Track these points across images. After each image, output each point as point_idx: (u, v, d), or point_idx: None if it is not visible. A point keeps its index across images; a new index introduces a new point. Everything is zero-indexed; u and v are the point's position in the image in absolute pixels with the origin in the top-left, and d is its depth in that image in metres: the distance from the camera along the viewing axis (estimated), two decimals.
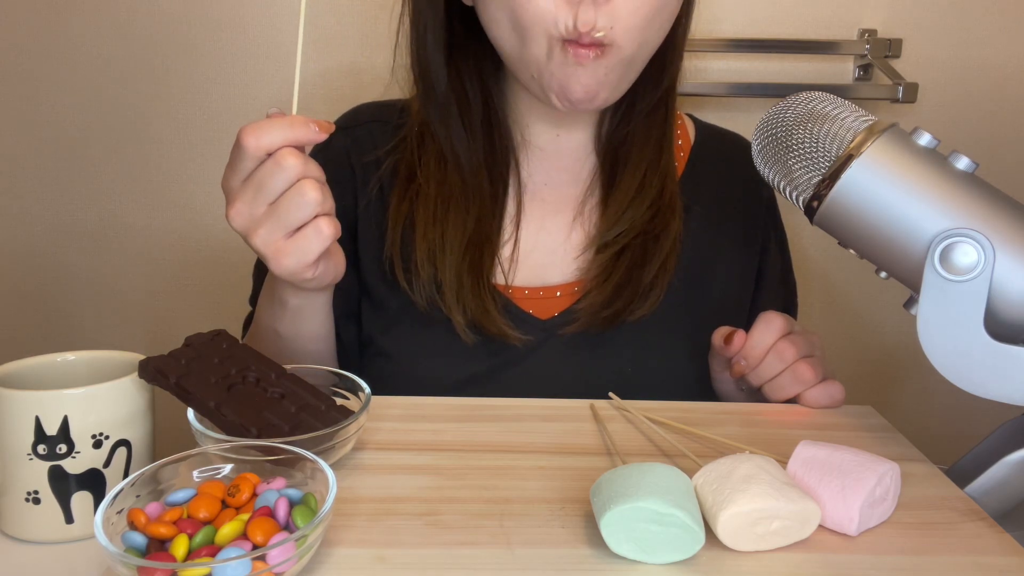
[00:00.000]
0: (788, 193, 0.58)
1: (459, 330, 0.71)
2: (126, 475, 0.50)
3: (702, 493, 0.45)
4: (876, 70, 1.13)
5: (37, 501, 0.49)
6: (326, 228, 0.57)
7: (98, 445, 0.49)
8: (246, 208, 0.57)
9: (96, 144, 1.18)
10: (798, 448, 0.49)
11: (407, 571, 0.42)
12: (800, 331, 0.67)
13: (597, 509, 0.44)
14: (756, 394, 0.68)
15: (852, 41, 1.13)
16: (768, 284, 0.82)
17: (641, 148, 0.76)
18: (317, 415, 0.51)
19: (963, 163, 0.52)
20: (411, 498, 0.49)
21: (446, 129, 0.75)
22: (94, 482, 0.50)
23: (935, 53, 1.15)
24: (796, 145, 0.56)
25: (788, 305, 0.85)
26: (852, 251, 0.57)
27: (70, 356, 0.55)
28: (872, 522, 0.47)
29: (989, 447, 0.57)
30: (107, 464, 0.50)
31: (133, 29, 1.14)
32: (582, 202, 0.78)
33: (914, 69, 1.14)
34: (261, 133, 0.56)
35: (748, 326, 0.67)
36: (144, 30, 1.14)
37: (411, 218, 0.74)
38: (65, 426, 0.48)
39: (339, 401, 0.55)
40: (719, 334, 0.68)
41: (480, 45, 0.73)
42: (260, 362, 0.56)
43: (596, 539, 0.44)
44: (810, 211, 0.56)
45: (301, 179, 0.56)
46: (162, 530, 0.40)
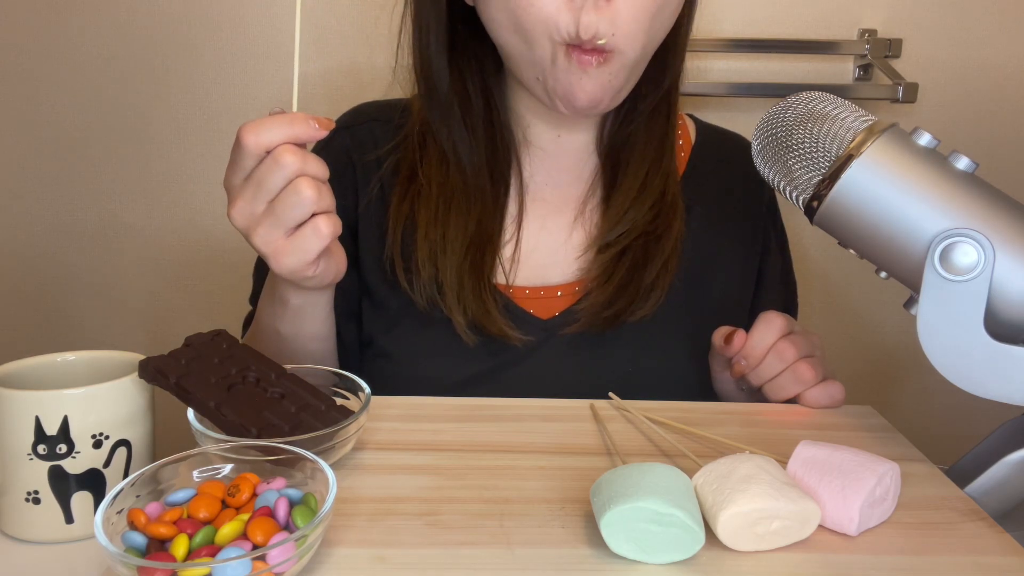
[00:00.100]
0: (788, 193, 0.58)
1: (460, 330, 0.71)
2: (126, 475, 0.50)
3: (702, 493, 0.45)
4: (876, 70, 1.13)
5: (37, 501, 0.49)
6: (324, 227, 0.57)
7: (98, 445, 0.49)
8: (247, 206, 0.57)
9: (96, 144, 1.18)
10: (798, 448, 0.49)
11: (407, 571, 0.42)
12: (800, 331, 0.67)
13: (597, 509, 0.44)
14: (756, 394, 0.68)
15: (852, 41, 1.13)
16: (768, 284, 0.82)
17: (643, 148, 0.76)
18: (317, 415, 0.51)
19: (963, 163, 0.52)
20: (411, 498, 0.49)
21: (448, 129, 0.75)
22: (94, 482, 0.50)
23: (935, 53, 1.15)
24: (796, 145, 0.56)
25: (788, 305, 0.85)
26: (852, 251, 0.57)
27: (70, 356, 0.55)
28: (872, 522, 0.47)
29: (989, 447, 0.57)
30: (107, 464, 0.50)
31: (133, 29, 1.14)
32: (583, 202, 0.78)
33: (914, 69, 1.14)
34: (261, 130, 0.55)
35: (748, 326, 0.67)
36: (144, 30, 1.14)
37: (412, 218, 0.74)
38: (65, 426, 0.48)
39: (339, 401, 0.55)
40: (719, 334, 0.68)
41: (481, 45, 0.73)
42: (260, 362, 0.56)
43: (596, 539, 0.44)
44: (810, 211, 0.56)
45: (298, 177, 0.56)
46: (162, 530, 0.40)
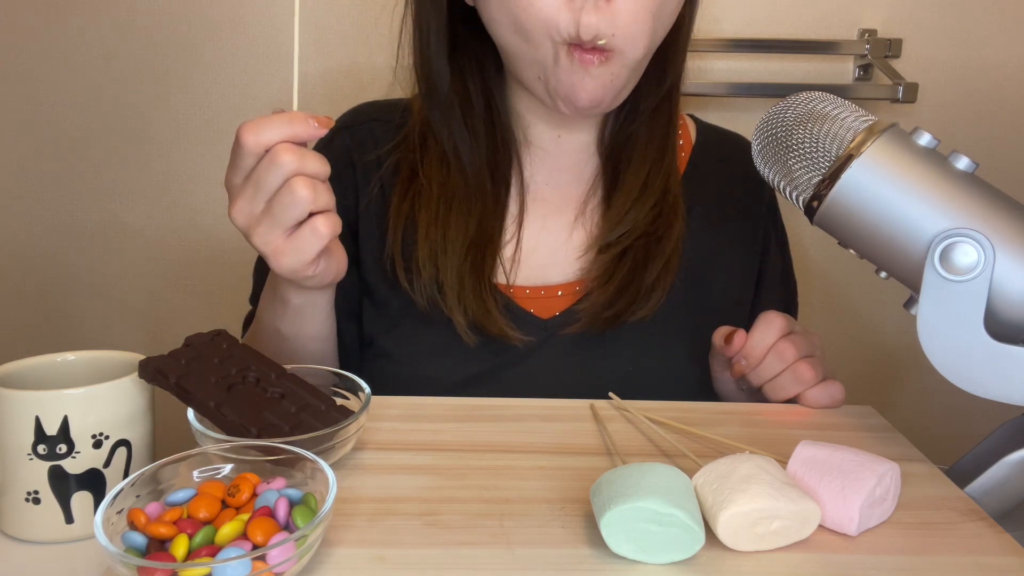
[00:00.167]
0: (788, 193, 0.58)
1: (460, 330, 0.71)
2: (126, 475, 0.50)
3: (702, 493, 0.45)
4: (876, 70, 1.13)
5: (37, 501, 0.49)
6: (323, 227, 0.57)
7: (98, 445, 0.49)
8: (246, 206, 0.57)
9: (96, 144, 1.18)
10: (798, 448, 0.49)
11: (407, 571, 0.42)
12: (800, 331, 0.67)
13: (597, 509, 0.44)
14: (756, 394, 0.68)
15: (852, 41, 1.13)
16: (768, 284, 0.82)
17: (644, 148, 0.76)
18: (317, 415, 0.51)
19: (963, 163, 0.52)
20: (411, 498, 0.49)
21: (448, 129, 0.74)
22: (94, 482, 0.50)
23: (935, 53, 1.15)
24: (796, 145, 0.56)
25: (789, 305, 0.85)
26: (852, 251, 0.57)
27: (70, 356, 0.55)
28: (872, 522, 0.47)
29: (989, 447, 0.57)
30: (107, 464, 0.50)
31: (133, 29, 1.14)
32: (584, 202, 0.78)
33: (914, 69, 1.14)
34: (260, 129, 0.55)
35: (748, 326, 0.67)
36: (144, 30, 1.14)
37: (412, 218, 0.74)
38: (65, 426, 0.48)
39: (339, 401, 0.55)
40: (719, 334, 0.68)
41: (482, 46, 0.73)
42: (260, 362, 0.56)
43: (596, 539, 0.44)
44: (810, 211, 0.56)
45: (294, 176, 0.56)
46: (162, 530, 0.40)
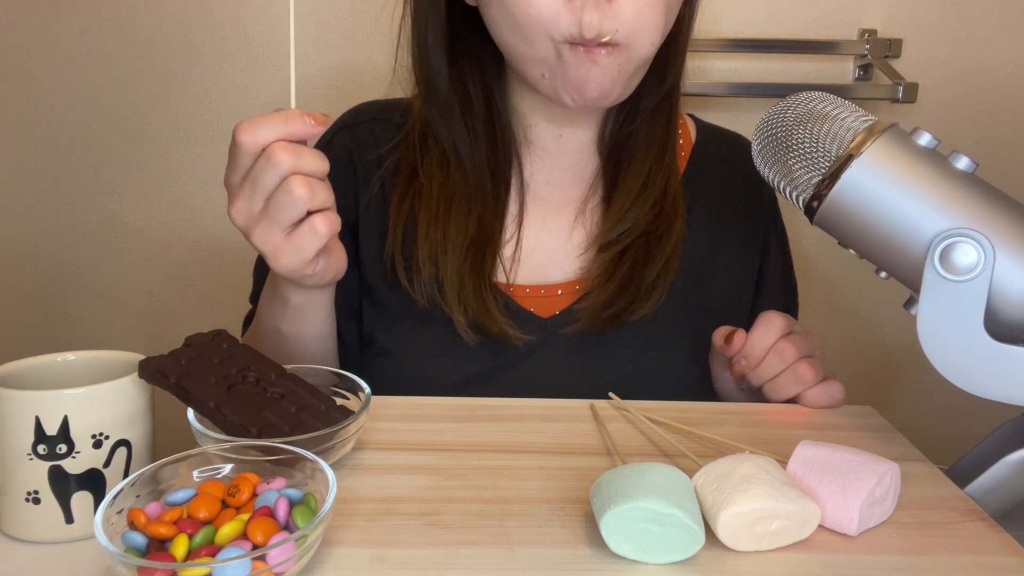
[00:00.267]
0: (788, 193, 0.58)
1: (460, 329, 0.71)
2: (126, 475, 0.50)
3: (702, 493, 0.45)
4: (876, 70, 1.13)
5: (37, 501, 0.49)
6: (321, 226, 0.57)
7: (98, 445, 0.49)
8: (245, 205, 0.57)
9: (96, 144, 1.18)
10: (798, 448, 0.49)
11: (407, 571, 0.42)
12: (800, 331, 0.67)
13: (597, 509, 0.44)
14: (756, 394, 0.68)
15: (852, 41, 1.13)
16: (769, 284, 0.82)
17: (645, 147, 0.75)
18: (317, 415, 0.51)
19: (963, 163, 0.52)
20: (411, 498, 0.49)
21: (448, 129, 0.74)
22: (94, 482, 0.50)
23: (935, 53, 1.15)
24: (796, 145, 0.56)
25: (789, 305, 0.85)
26: (852, 251, 0.57)
27: (70, 356, 0.55)
28: (872, 522, 0.47)
29: (989, 447, 0.57)
30: (107, 464, 0.50)
31: (133, 29, 1.14)
32: (584, 201, 0.78)
33: (914, 69, 1.14)
34: (256, 128, 0.55)
35: (749, 326, 0.67)
36: (144, 30, 1.14)
37: (412, 217, 0.74)
38: (65, 426, 0.48)
39: (339, 401, 0.55)
40: (719, 334, 0.68)
41: (483, 45, 0.73)
42: (260, 362, 0.56)
43: (596, 539, 0.44)
44: (810, 211, 0.56)
45: (291, 175, 0.56)
46: (162, 530, 0.40)
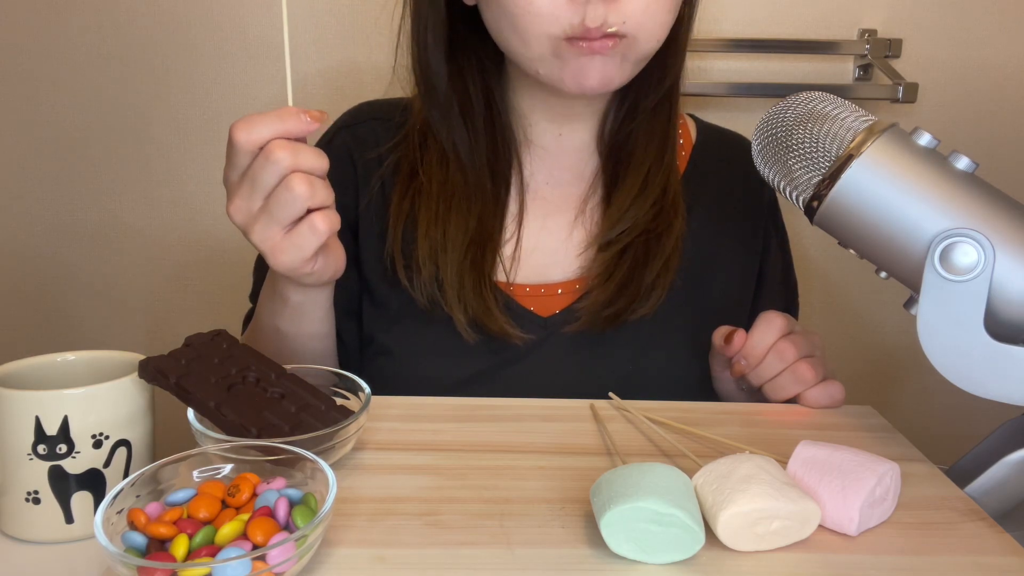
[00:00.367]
0: (788, 193, 0.58)
1: (460, 328, 0.71)
2: (126, 475, 0.50)
3: (702, 493, 0.45)
4: (876, 70, 1.13)
5: (37, 501, 0.49)
6: (320, 224, 0.57)
7: (98, 445, 0.49)
8: (244, 204, 0.57)
9: (96, 144, 1.18)
10: (798, 448, 0.49)
11: (407, 571, 0.42)
12: (800, 331, 0.67)
13: (597, 509, 0.44)
14: (756, 394, 0.68)
15: (852, 41, 1.13)
16: (769, 284, 0.82)
17: (645, 147, 0.76)
18: (317, 415, 0.51)
19: (963, 163, 0.52)
20: (411, 498, 0.49)
21: (448, 128, 0.74)
22: (94, 482, 0.50)
23: (935, 53, 1.15)
24: (796, 145, 0.56)
25: (789, 305, 0.85)
26: (852, 251, 0.57)
27: (70, 356, 0.55)
28: (872, 522, 0.47)
29: (989, 447, 0.57)
30: (107, 464, 0.50)
31: (133, 29, 1.14)
32: (584, 201, 0.78)
33: (914, 69, 1.14)
34: (252, 127, 0.55)
35: (749, 326, 0.67)
36: (144, 30, 1.14)
37: (412, 216, 0.74)
38: (65, 426, 0.48)
39: (339, 401, 0.55)
40: (719, 333, 0.68)
41: (482, 44, 0.73)
42: (260, 362, 0.56)
43: (596, 539, 0.44)
44: (810, 211, 0.56)
45: (291, 173, 0.56)
46: (162, 530, 0.40)
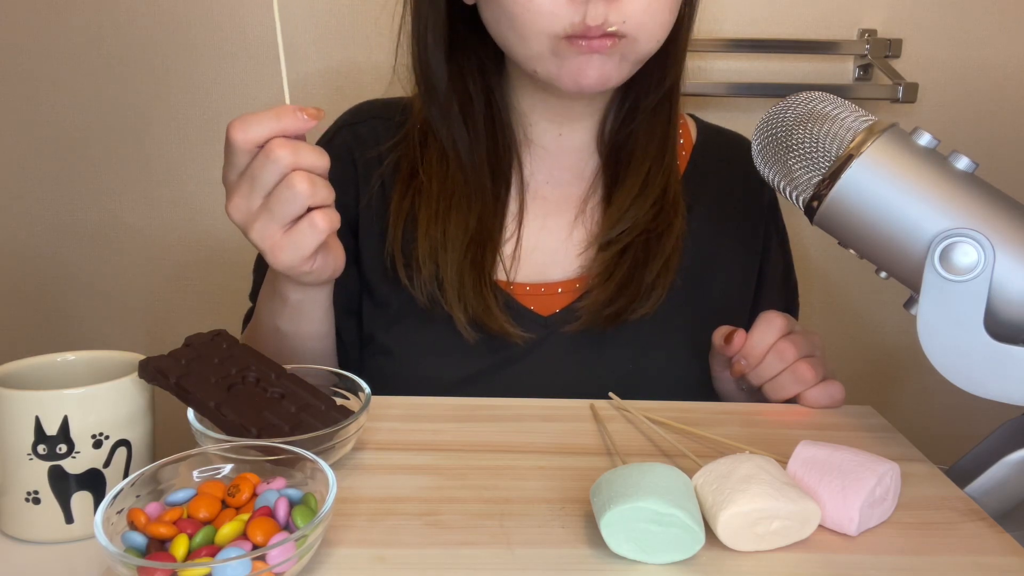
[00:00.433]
0: (788, 193, 0.58)
1: (460, 327, 0.71)
2: (126, 475, 0.50)
3: (702, 493, 0.45)
4: (876, 70, 1.13)
5: (37, 501, 0.49)
6: (321, 222, 0.57)
7: (98, 445, 0.49)
8: (243, 202, 0.57)
9: (96, 144, 1.18)
10: (798, 448, 0.49)
11: (407, 571, 0.42)
12: (800, 331, 0.67)
13: (597, 509, 0.44)
14: (756, 394, 0.68)
15: (852, 41, 1.13)
16: (769, 284, 0.82)
17: (645, 146, 0.76)
18: (317, 415, 0.51)
19: (963, 163, 0.52)
20: (411, 498, 0.49)
21: (447, 128, 0.75)
22: (94, 482, 0.50)
23: (935, 53, 1.15)
24: (796, 145, 0.56)
25: (789, 305, 0.85)
26: (852, 251, 0.57)
27: (70, 356, 0.55)
28: (872, 522, 0.47)
29: (989, 447, 0.57)
30: (107, 464, 0.50)
31: (133, 29, 1.14)
32: (584, 200, 0.78)
33: (914, 69, 1.14)
34: (248, 126, 0.55)
35: (749, 326, 0.67)
36: (144, 30, 1.14)
37: (413, 215, 0.74)
38: (65, 426, 0.48)
39: (339, 401, 0.55)
40: (719, 333, 0.68)
41: (482, 44, 0.73)
42: (260, 362, 0.56)
43: (596, 539, 0.44)
44: (810, 211, 0.56)
45: (292, 171, 0.56)
46: (162, 530, 0.40)
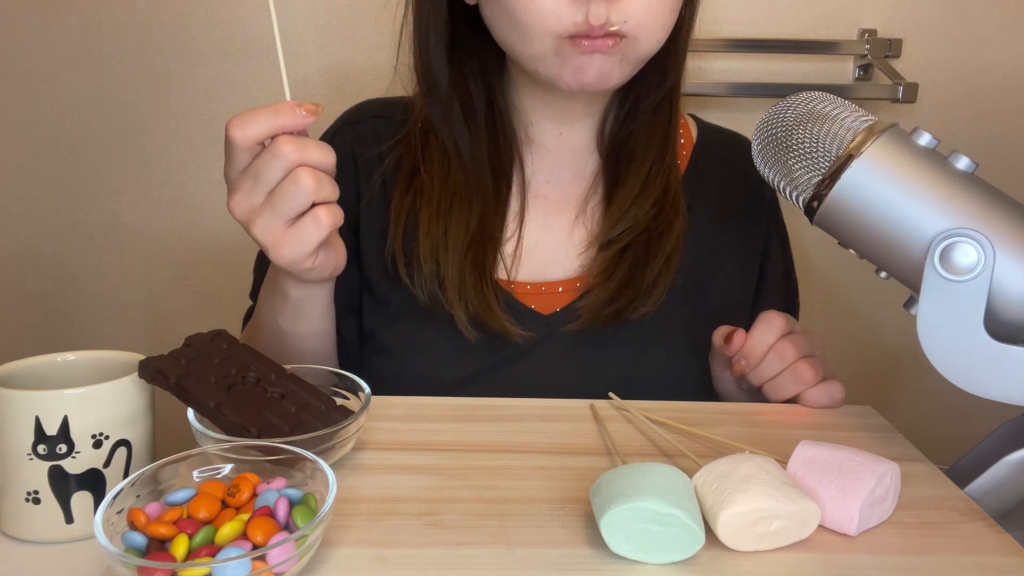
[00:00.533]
0: (788, 193, 0.58)
1: (461, 326, 0.71)
2: (126, 475, 0.50)
3: (702, 493, 0.45)
4: (876, 70, 1.13)
5: (37, 501, 0.49)
6: (324, 217, 0.57)
7: (98, 445, 0.49)
8: (245, 198, 0.57)
9: (96, 144, 1.18)
10: (798, 448, 0.49)
11: (407, 571, 0.42)
12: (800, 331, 0.67)
13: (597, 509, 0.44)
14: (756, 394, 0.68)
15: (852, 41, 1.13)
16: (769, 284, 0.82)
17: (645, 146, 0.76)
18: (317, 415, 0.51)
19: (963, 163, 0.52)
20: (411, 498, 0.49)
21: (448, 127, 0.75)
22: (94, 482, 0.50)
23: (935, 53, 1.15)
24: (796, 145, 0.56)
25: (790, 305, 0.85)
26: (852, 251, 0.57)
27: (70, 356, 0.55)
28: (872, 522, 0.47)
29: (989, 447, 0.57)
30: (107, 464, 0.50)
31: (133, 29, 1.14)
32: (585, 200, 0.78)
33: (914, 69, 1.14)
34: (247, 124, 0.55)
35: (749, 326, 0.67)
36: (144, 30, 1.14)
37: (414, 213, 0.74)
38: (65, 426, 0.48)
39: (339, 401, 0.55)
40: (719, 333, 0.68)
41: (484, 43, 0.73)
42: (260, 362, 0.56)
43: (596, 539, 0.44)
44: (810, 211, 0.56)
45: (297, 167, 0.56)
46: (162, 530, 0.40)
